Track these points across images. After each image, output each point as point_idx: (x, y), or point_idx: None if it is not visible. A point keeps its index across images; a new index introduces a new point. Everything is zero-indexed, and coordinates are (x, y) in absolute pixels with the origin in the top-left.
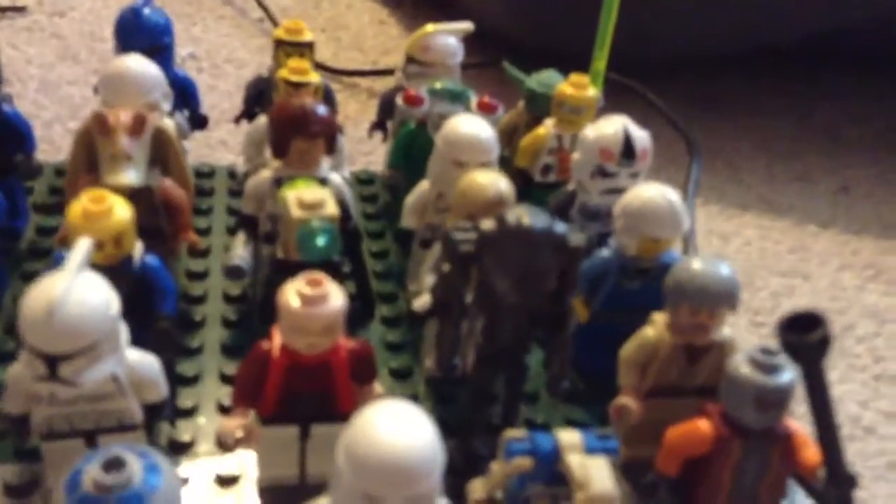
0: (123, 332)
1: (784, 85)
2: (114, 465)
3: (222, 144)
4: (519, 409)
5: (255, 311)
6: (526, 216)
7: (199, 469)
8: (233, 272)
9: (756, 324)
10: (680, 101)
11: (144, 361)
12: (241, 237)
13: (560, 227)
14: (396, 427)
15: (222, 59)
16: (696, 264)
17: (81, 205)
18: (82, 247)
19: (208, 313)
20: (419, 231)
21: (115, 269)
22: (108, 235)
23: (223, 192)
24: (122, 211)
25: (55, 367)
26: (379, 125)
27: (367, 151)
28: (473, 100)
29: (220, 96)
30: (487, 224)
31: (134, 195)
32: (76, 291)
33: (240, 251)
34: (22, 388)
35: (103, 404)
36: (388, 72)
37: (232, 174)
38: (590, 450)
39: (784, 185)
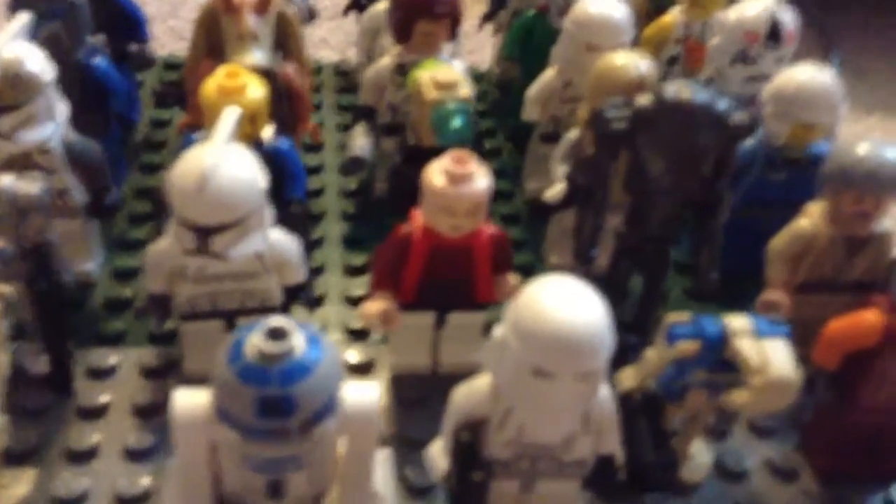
0: (268, 210)
1: None
2: (277, 334)
3: (324, 42)
4: (658, 307)
5: (374, 204)
6: (686, 90)
7: None
8: (354, 164)
9: None
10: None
11: (286, 242)
12: (359, 129)
13: (722, 103)
14: (570, 302)
15: None
16: (862, 147)
17: (216, 81)
18: (230, 117)
19: (327, 207)
20: (541, 124)
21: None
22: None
23: (331, 89)
24: (257, 88)
25: (207, 240)
26: (491, 16)
27: (471, 49)
28: None
29: None
30: (643, 99)
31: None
32: (227, 163)
33: (360, 142)
34: (165, 266)
35: (247, 283)
36: None
37: (339, 71)
38: (761, 334)
39: None
